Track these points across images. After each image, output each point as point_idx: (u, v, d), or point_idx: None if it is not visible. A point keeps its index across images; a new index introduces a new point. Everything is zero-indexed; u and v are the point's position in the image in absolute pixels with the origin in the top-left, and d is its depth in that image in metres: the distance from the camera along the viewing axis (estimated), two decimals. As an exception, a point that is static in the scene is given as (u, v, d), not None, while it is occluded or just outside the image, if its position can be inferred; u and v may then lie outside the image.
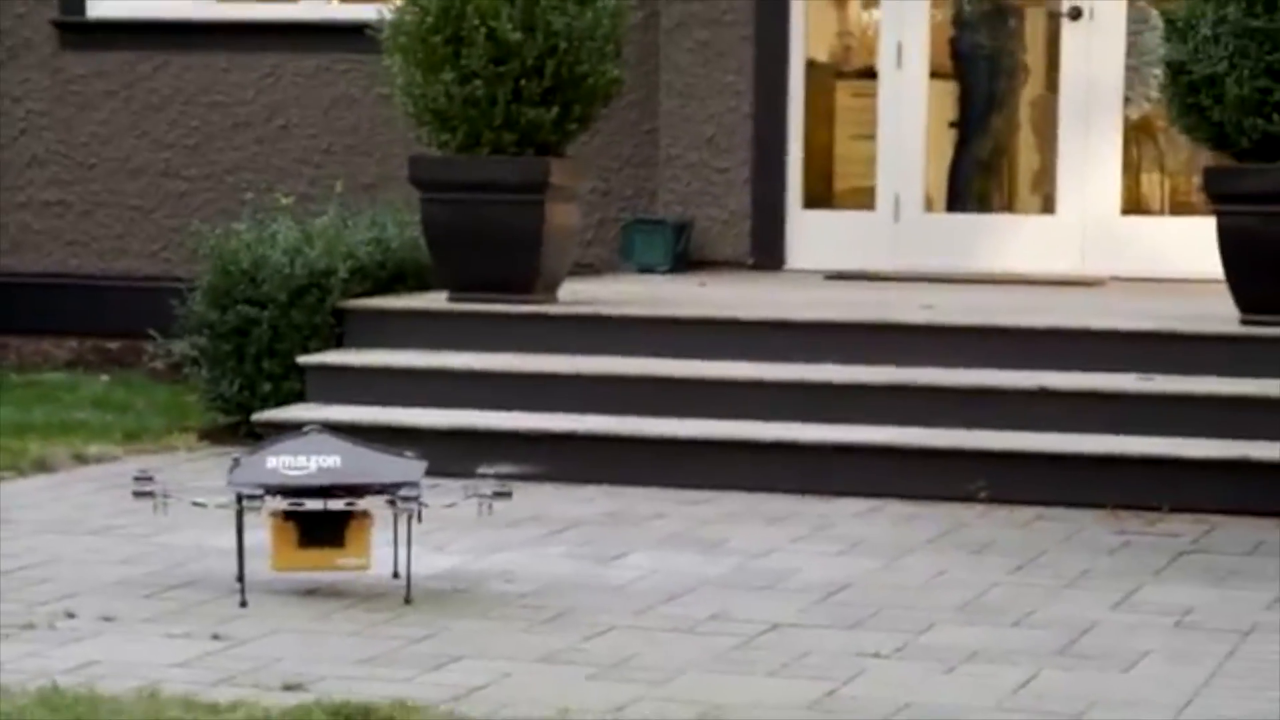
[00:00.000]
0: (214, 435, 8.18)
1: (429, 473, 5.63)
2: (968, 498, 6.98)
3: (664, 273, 10.01)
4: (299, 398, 8.00)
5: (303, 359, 7.96)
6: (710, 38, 10.16)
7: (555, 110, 7.96)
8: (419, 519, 5.60)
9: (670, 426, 7.41)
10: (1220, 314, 7.54)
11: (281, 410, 7.84)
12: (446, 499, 5.61)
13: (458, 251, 8.09)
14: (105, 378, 10.03)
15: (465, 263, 8.09)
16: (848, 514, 6.84)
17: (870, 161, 10.22)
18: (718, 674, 4.85)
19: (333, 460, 5.59)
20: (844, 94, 11.04)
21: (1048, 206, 10.08)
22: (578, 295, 8.44)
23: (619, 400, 7.60)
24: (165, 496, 5.61)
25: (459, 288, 8.15)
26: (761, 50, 10.09)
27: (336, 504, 5.54)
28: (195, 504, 5.66)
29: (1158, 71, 10.29)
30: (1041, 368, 7.40)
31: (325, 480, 5.53)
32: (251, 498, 5.47)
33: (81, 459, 7.70)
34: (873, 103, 10.18)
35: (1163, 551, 6.25)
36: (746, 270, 10.11)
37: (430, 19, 7.94)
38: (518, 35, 7.85)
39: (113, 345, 10.66)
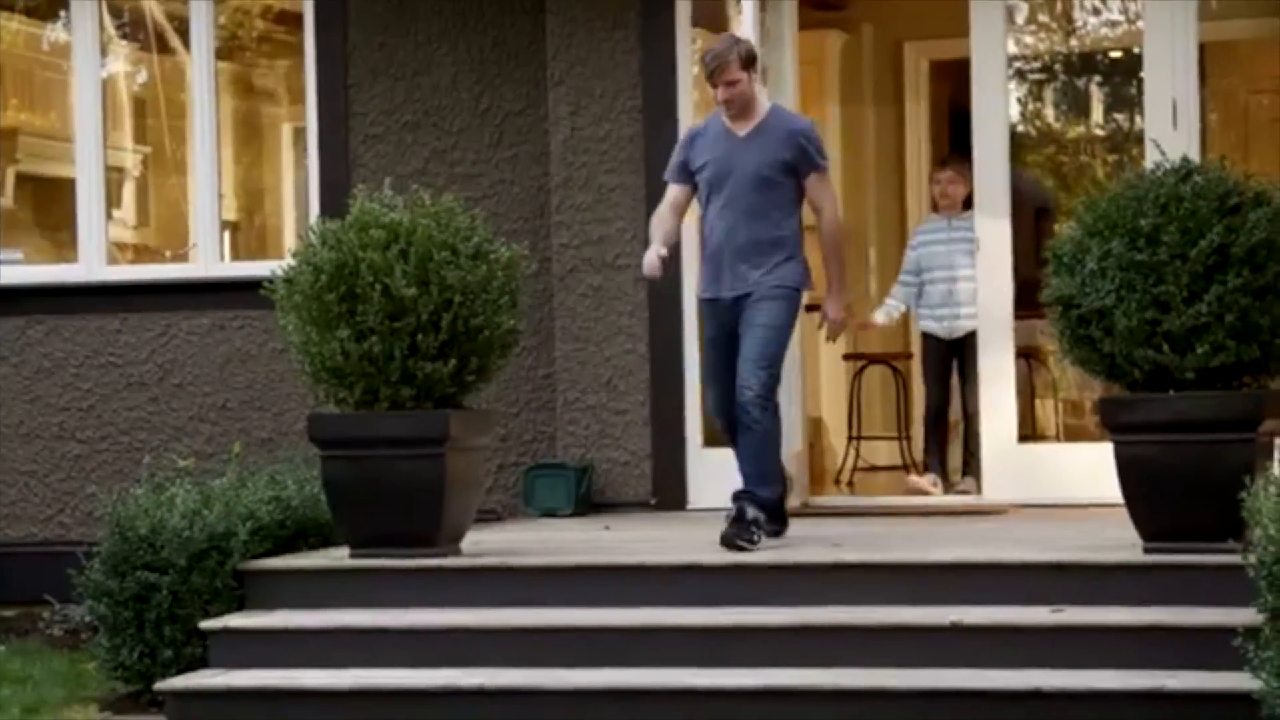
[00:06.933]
0: (116, 705, 8.02)
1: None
2: (885, 739, 6.93)
3: (567, 516, 9.98)
4: (202, 663, 7.87)
5: (205, 624, 7.84)
6: (603, 282, 10.22)
7: (452, 363, 7.96)
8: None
9: (587, 677, 7.31)
10: (1124, 541, 7.57)
11: (184, 678, 7.70)
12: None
13: (359, 507, 8.03)
14: (1, 648, 9.84)
15: (367, 518, 8.03)
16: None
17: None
18: None
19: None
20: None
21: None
22: (480, 545, 8.39)
23: (530, 652, 7.51)
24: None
25: (361, 544, 8.08)
26: (654, 292, 10.15)
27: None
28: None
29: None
30: (950, 603, 7.39)
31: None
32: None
33: (-20, 737, 7.54)
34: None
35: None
36: (650, 511, 10.09)
37: (324, 277, 7.95)
38: (412, 291, 7.87)
39: (9, 613, 10.46)
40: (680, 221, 8.47)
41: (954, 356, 10.19)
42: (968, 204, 10.21)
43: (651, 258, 8.24)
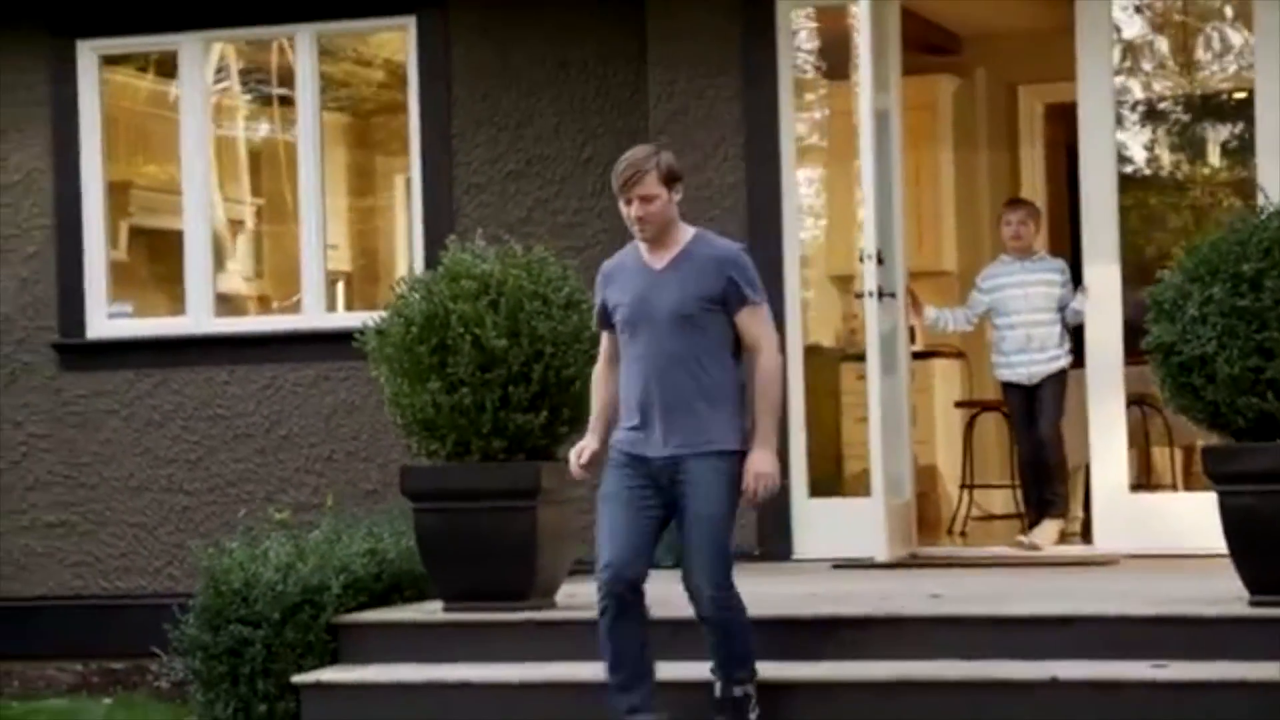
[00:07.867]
0: (211, 759, 8.01)
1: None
2: (980, 796, 6.78)
3: (668, 568, 9.83)
4: (295, 718, 7.83)
5: (297, 678, 7.81)
6: (706, 330, 10.10)
7: (544, 415, 7.89)
8: None
9: (678, 733, 7.22)
10: (1231, 593, 7.37)
11: (276, 733, 7.68)
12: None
13: (452, 560, 7.98)
14: (108, 701, 9.87)
15: (460, 571, 7.98)
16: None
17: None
18: None
19: None
20: (849, 377, 11.00)
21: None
22: (576, 598, 8.28)
23: (620, 708, 7.41)
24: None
25: (454, 597, 8.02)
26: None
27: None
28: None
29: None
30: (1051, 657, 7.22)
31: None
32: None
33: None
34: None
35: None
36: (754, 562, 9.95)
37: (415, 329, 7.92)
38: (503, 342, 7.81)
39: (119, 666, 10.51)
40: None
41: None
42: None
43: (573, 464, 7.14)
